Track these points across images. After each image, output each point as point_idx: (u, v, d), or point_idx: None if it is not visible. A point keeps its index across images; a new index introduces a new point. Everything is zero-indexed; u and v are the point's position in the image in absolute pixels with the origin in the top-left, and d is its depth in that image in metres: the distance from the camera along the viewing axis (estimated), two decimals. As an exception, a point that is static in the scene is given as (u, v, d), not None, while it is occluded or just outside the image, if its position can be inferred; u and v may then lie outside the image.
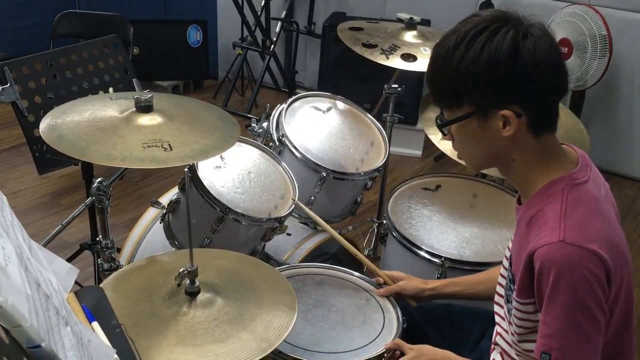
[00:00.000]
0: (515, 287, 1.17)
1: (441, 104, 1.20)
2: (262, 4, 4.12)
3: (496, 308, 1.36)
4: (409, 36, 2.21)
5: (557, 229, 1.08)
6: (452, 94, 1.15)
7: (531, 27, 1.11)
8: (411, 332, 1.54)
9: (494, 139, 1.14)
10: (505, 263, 1.30)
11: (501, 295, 1.33)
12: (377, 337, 1.46)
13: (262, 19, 4.16)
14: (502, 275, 1.33)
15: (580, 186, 1.14)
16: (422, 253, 1.85)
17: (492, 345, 1.39)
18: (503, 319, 1.31)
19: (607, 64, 3.26)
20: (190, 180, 1.67)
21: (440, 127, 1.22)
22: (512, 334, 1.23)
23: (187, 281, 1.22)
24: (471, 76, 1.10)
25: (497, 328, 1.36)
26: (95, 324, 0.96)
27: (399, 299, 1.61)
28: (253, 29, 4.23)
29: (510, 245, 1.30)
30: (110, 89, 2.37)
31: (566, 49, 3.30)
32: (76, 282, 2.23)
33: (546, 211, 1.12)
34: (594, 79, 3.30)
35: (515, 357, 1.27)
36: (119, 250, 2.05)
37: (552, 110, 1.16)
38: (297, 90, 4.35)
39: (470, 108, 1.14)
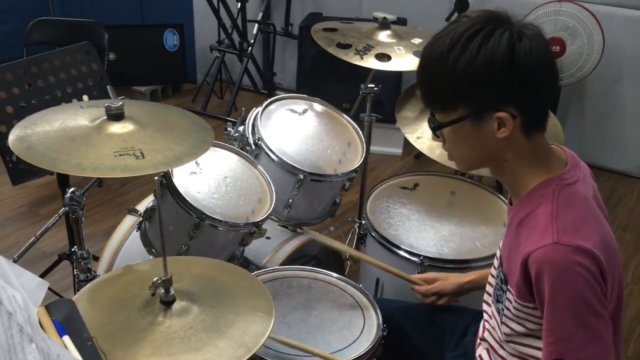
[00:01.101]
0: (512, 289, 1.17)
1: (434, 107, 1.18)
2: (239, 7, 4.11)
3: (484, 305, 1.37)
4: (383, 36, 2.21)
5: (549, 231, 1.08)
6: (447, 97, 1.14)
7: (525, 27, 1.10)
8: (393, 334, 1.55)
9: (488, 141, 1.14)
10: (496, 263, 1.30)
11: (490, 294, 1.33)
12: (353, 342, 1.46)
13: (239, 22, 4.14)
14: (492, 275, 1.33)
15: (570, 187, 1.14)
16: (401, 252, 1.85)
17: (478, 341, 1.40)
18: (491, 317, 1.31)
19: (600, 56, 3.31)
20: (166, 186, 1.65)
21: (434, 130, 1.20)
22: (502, 334, 1.23)
23: (162, 290, 1.21)
24: (467, 78, 1.09)
25: (485, 324, 1.36)
26: (66, 338, 0.94)
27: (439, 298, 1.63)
28: (230, 31, 4.21)
29: (500, 245, 1.30)
30: (85, 97, 2.34)
31: (558, 47, 3.33)
32: (56, 293, 2.22)
33: (537, 213, 1.12)
34: (590, 69, 3.36)
35: (502, 354, 1.27)
36: (97, 258, 2.03)
37: (544, 111, 1.16)
38: (276, 92, 4.34)
39: (465, 110, 1.13)
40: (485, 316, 1.36)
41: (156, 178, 1.21)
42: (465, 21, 1.12)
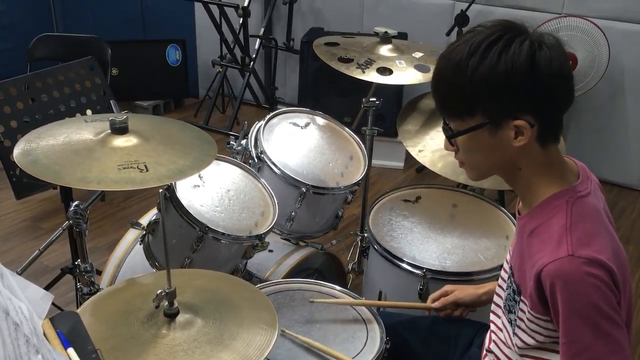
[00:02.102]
0: (526, 300, 1.16)
1: (450, 114, 1.18)
2: (240, 22, 4.14)
3: (492, 317, 1.36)
4: (385, 50, 2.23)
5: (564, 244, 1.07)
6: (465, 104, 1.13)
7: (543, 37, 1.11)
8: (397, 346, 1.54)
9: (504, 149, 1.14)
10: (504, 275, 1.30)
11: (498, 305, 1.32)
12: (356, 355, 1.46)
13: (241, 37, 4.17)
14: (500, 286, 1.33)
15: (583, 199, 1.14)
16: (404, 265, 1.85)
17: (484, 352, 1.39)
18: (501, 329, 1.31)
19: (606, 66, 3.34)
20: (169, 200, 1.66)
21: (449, 139, 1.20)
22: (514, 345, 1.23)
23: (166, 303, 1.21)
24: (487, 85, 1.09)
25: (492, 335, 1.35)
26: (70, 350, 0.94)
27: (456, 309, 1.62)
28: (232, 46, 4.24)
29: (508, 256, 1.30)
30: (88, 111, 2.37)
31: (570, 62, 3.34)
32: (58, 307, 2.22)
33: (551, 225, 1.12)
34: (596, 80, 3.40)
35: None
36: (100, 272, 2.03)
37: (560, 121, 1.16)
38: (278, 106, 4.36)
39: (482, 118, 1.13)
40: (492, 327, 1.36)
41: (160, 191, 1.21)
42: (483, 30, 1.12)
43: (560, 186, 1.16)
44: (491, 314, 1.37)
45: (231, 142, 2.03)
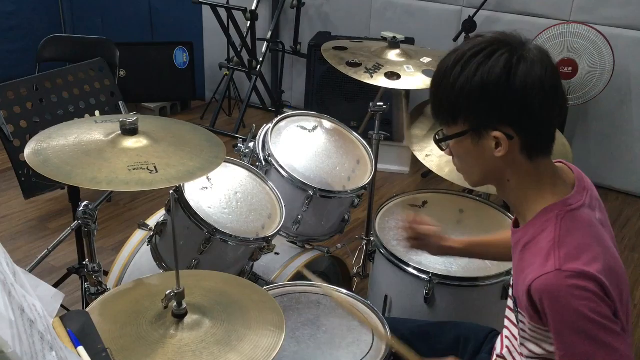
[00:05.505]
0: (522, 311, 1.17)
1: (440, 119, 1.22)
2: (248, 25, 4.15)
3: (506, 322, 1.37)
4: (393, 55, 2.24)
5: (552, 258, 1.08)
6: (449, 111, 1.18)
7: (528, 51, 1.12)
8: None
9: (488, 158, 1.16)
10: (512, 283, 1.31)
11: (510, 319, 1.33)
12: (362, 358, 1.46)
13: (248, 40, 4.19)
14: (510, 296, 1.34)
15: (574, 212, 1.15)
16: (410, 269, 1.85)
17: (495, 357, 1.40)
18: (515, 337, 1.31)
19: (610, 75, 3.33)
20: (177, 201, 1.67)
21: (437, 142, 1.26)
22: (520, 355, 1.24)
23: (174, 303, 1.22)
24: (465, 95, 1.12)
25: (505, 341, 1.36)
26: (81, 349, 0.95)
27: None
28: (239, 49, 4.26)
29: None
30: (97, 112, 2.37)
31: (570, 68, 3.35)
32: (64, 307, 2.23)
33: (540, 239, 1.13)
34: (600, 89, 3.37)
35: None
36: (106, 273, 2.04)
37: (546, 134, 1.16)
38: (284, 110, 4.37)
39: (464, 126, 1.16)
40: (506, 332, 1.36)
41: (171, 192, 1.22)
42: (474, 40, 1.15)
43: (551, 199, 1.16)
44: (505, 320, 1.37)
45: (239, 145, 2.04)
